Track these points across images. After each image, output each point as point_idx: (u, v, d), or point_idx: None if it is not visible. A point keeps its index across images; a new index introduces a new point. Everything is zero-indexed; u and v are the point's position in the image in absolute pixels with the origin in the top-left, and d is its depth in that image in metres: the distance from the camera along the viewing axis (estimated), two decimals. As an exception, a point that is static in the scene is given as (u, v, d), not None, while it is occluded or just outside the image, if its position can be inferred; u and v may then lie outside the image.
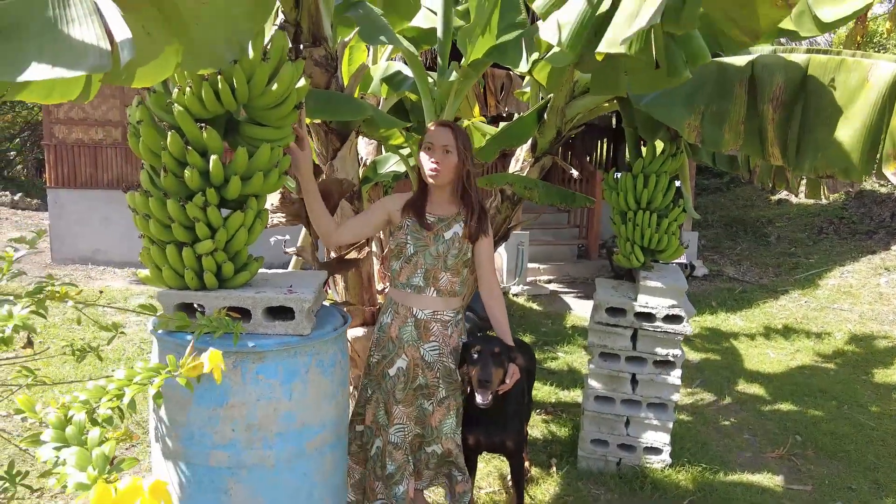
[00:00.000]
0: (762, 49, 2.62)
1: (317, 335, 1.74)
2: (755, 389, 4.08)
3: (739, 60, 2.42)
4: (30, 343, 1.16)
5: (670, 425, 2.83)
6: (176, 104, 1.52)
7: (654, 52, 1.58)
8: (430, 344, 2.05)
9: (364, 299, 2.75)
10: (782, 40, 3.03)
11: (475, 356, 2.01)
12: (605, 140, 10.17)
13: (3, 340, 1.02)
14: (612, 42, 1.55)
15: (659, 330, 2.75)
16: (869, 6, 2.26)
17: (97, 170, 7.08)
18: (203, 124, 1.54)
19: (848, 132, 2.05)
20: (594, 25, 1.74)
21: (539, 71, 2.28)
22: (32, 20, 1.20)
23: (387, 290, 2.21)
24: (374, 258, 3.01)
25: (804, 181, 3.43)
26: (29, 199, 11.40)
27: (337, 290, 2.79)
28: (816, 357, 4.75)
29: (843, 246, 7.65)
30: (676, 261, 6.15)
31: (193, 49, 1.44)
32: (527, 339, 4.95)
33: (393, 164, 3.31)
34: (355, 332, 2.68)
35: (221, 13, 1.46)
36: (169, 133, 1.51)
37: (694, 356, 4.70)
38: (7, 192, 11.28)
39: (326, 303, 2.19)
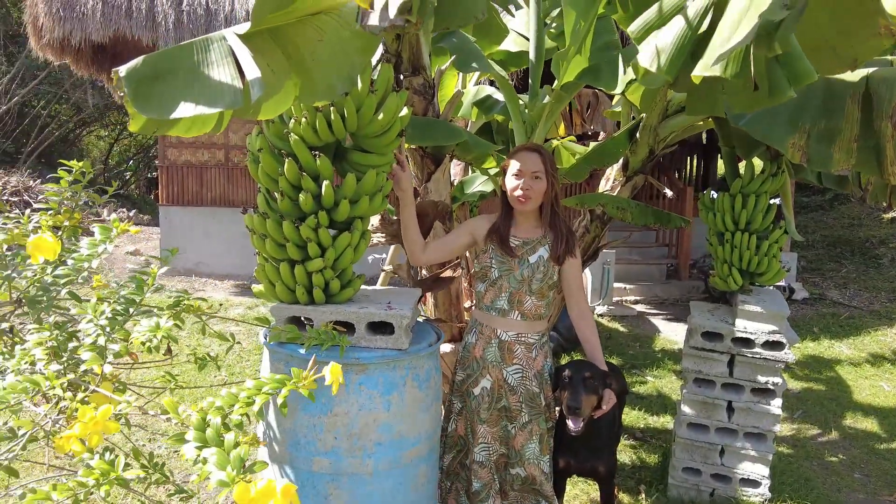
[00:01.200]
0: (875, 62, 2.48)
1: (414, 350, 1.82)
2: (867, 425, 3.77)
3: (849, 76, 2.31)
4: (169, 351, 1.30)
5: (769, 457, 2.69)
6: (292, 134, 1.66)
7: (752, 74, 1.55)
8: (514, 367, 2.04)
9: (452, 316, 2.82)
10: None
11: (566, 381, 1.98)
12: (694, 155, 9.81)
13: (153, 348, 1.15)
14: (707, 65, 1.54)
15: (758, 356, 2.63)
16: None
17: (202, 188, 7.64)
18: (316, 152, 1.67)
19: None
20: (691, 48, 1.73)
21: (632, 92, 2.28)
22: (182, 65, 1.36)
23: (472, 310, 2.23)
24: (463, 276, 3.07)
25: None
26: (141, 215, 12.47)
27: (426, 306, 2.88)
28: (939, 392, 4.34)
29: (969, 270, 6.93)
30: (775, 285, 5.81)
31: (310, 83, 1.58)
32: (613, 361, 4.84)
33: (479, 185, 3.38)
34: (444, 348, 2.75)
35: (335, 50, 1.60)
36: (286, 160, 1.65)
37: (794, 385, 4.41)
38: (123, 209, 12.40)
39: (419, 319, 2.28)
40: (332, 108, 1.65)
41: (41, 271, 1.40)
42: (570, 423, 1.94)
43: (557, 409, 2.13)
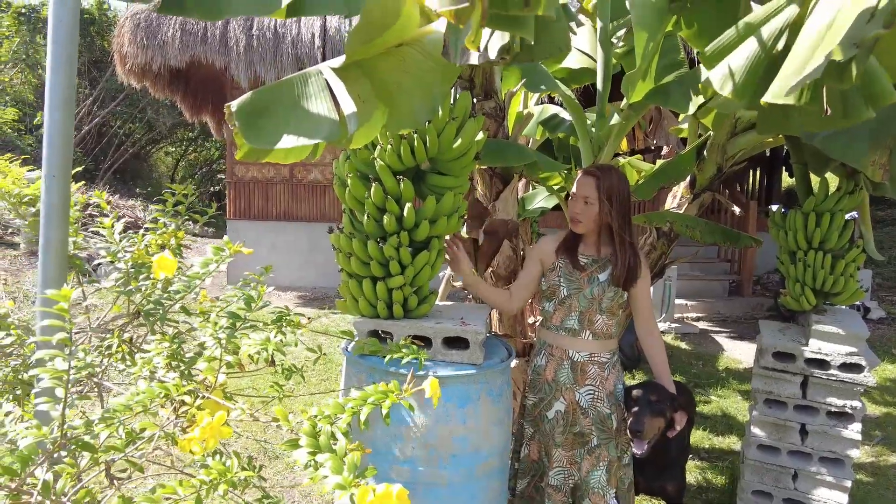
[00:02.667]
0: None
1: (487, 365, 1.88)
2: (952, 453, 3.58)
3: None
4: (272, 363, 1.41)
5: (848, 484, 2.60)
6: (378, 159, 1.76)
7: (824, 102, 1.55)
8: (586, 388, 2.02)
9: (517, 331, 2.87)
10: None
11: (632, 402, 1.97)
12: (757, 169, 9.52)
13: (264, 360, 1.26)
14: (779, 93, 1.55)
15: (834, 379, 2.56)
16: None
17: (268, 203, 7.96)
18: (400, 177, 1.76)
19: None
20: (763, 70, 1.73)
21: (703, 113, 2.29)
22: (284, 99, 1.49)
23: (538, 331, 2.21)
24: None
25: None
26: (205, 228, 13.06)
27: (491, 322, 2.94)
28: None
29: None
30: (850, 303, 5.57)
31: (396, 112, 1.68)
32: (677, 377, 4.75)
33: (541, 201, 3.43)
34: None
35: (419, 80, 1.69)
36: (373, 185, 1.75)
37: (873, 409, 4.22)
38: (189, 222, 13.02)
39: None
40: (415, 135, 1.74)
41: (152, 286, 1.54)
42: (633, 446, 1.92)
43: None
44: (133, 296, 1.48)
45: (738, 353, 5.48)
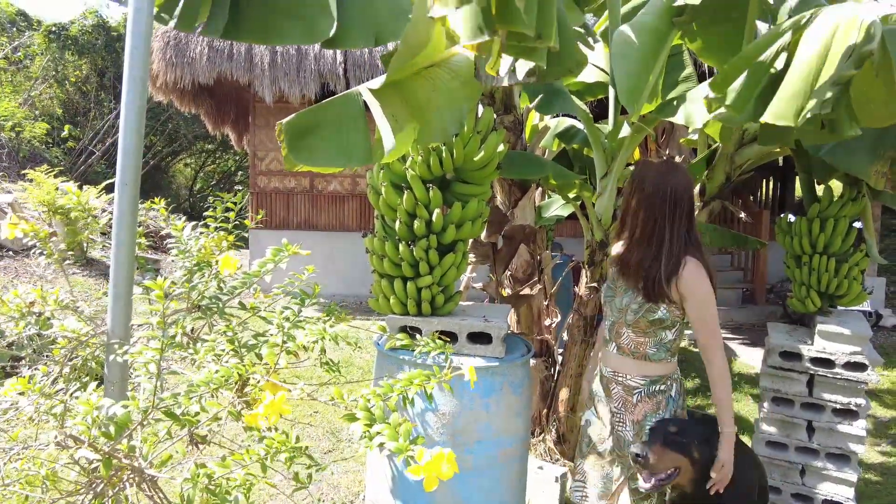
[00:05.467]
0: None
1: (509, 358, 2.04)
2: (961, 454, 3.65)
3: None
4: (323, 351, 1.58)
5: (854, 479, 2.71)
6: (409, 170, 1.94)
7: (820, 123, 1.70)
8: (613, 405, 1.86)
9: (534, 330, 3.02)
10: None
11: (649, 432, 1.71)
12: (770, 178, 9.59)
13: (320, 350, 1.43)
14: (777, 115, 1.70)
15: (839, 377, 2.68)
16: None
17: (289, 213, 8.20)
18: (429, 185, 1.94)
19: None
20: (762, 89, 1.88)
21: (710, 126, 2.44)
22: (326, 119, 1.68)
23: None
24: (543, 295, 3.27)
25: None
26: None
27: (511, 322, 3.10)
28: None
29: None
30: (859, 309, 5.66)
31: (427, 127, 1.86)
32: (688, 384, 4.86)
33: (556, 209, 3.59)
34: (527, 362, 2.95)
35: (448, 97, 1.87)
36: (405, 192, 1.93)
37: (883, 413, 4.30)
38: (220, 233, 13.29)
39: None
40: (443, 148, 1.92)
41: (206, 284, 1.72)
42: (641, 477, 1.67)
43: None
44: (192, 292, 1.66)
45: (751, 358, 5.57)
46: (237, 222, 2.10)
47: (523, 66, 1.54)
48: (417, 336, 2.00)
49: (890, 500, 3.04)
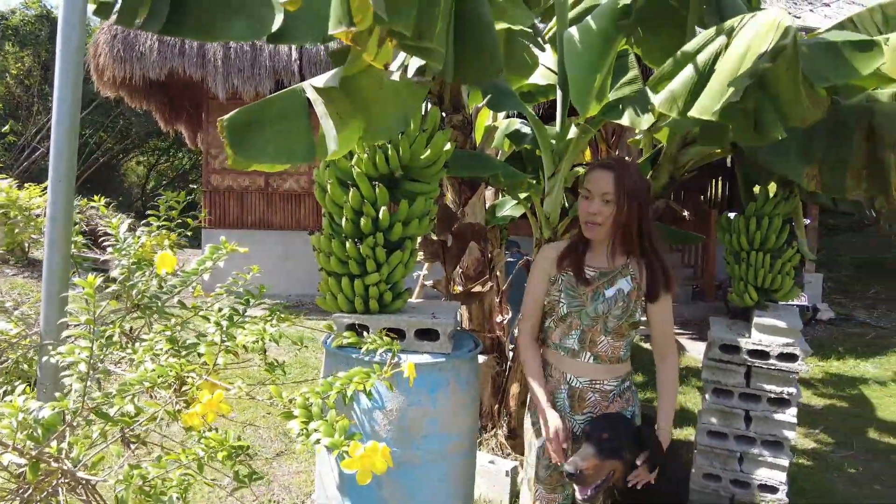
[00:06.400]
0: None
1: (456, 354, 2.07)
2: (890, 440, 3.87)
3: (855, 108, 2.50)
4: (264, 351, 1.57)
5: (786, 464, 2.84)
6: (355, 167, 1.95)
7: (744, 119, 1.80)
8: (583, 416, 1.79)
9: (485, 328, 3.06)
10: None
11: (581, 440, 1.67)
12: (719, 179, 9.94)
13: (259, 348, 1.43)
14: (702, 110, 1.78)
15: (773, 368, 2.81)
16: None
17: (243, 212, 8.05)
18: (375, 182, 1.95)
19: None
20: (695, 90, 1.97)
21: (655, 128, 2.52)
22: (269, 115, 1.67)
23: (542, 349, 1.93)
24: (495, 292, 3.32)
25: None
26: (178, 237, 13.01)
27: (462, 319, 3.13)
28: (965, 410, 4.40)
29: None
30: (799, 303, 5.92)
31: (372, 125, 1.87)
32: (639, 378, 5.00)
33: (509, 209, 3.64)
34: (478, 359, 2.99)
35: (393, 95, 1.89)
36: (350, 189, 1.93)
37: (817, 402, 4.52)
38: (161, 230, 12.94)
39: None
40: (389, 145, 1.93)
41: (147, 283, 1.70)
42: (576, 490, 1.63)
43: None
44: (131, 291, 1.63)
45: (698, 353, 5.76)
46: (180, 221, 2.06)
47: (415, 63, 1.56)
48: (365, 334, 2.01)
49: (819, 482, 3.21)
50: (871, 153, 2.40)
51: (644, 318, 1.83)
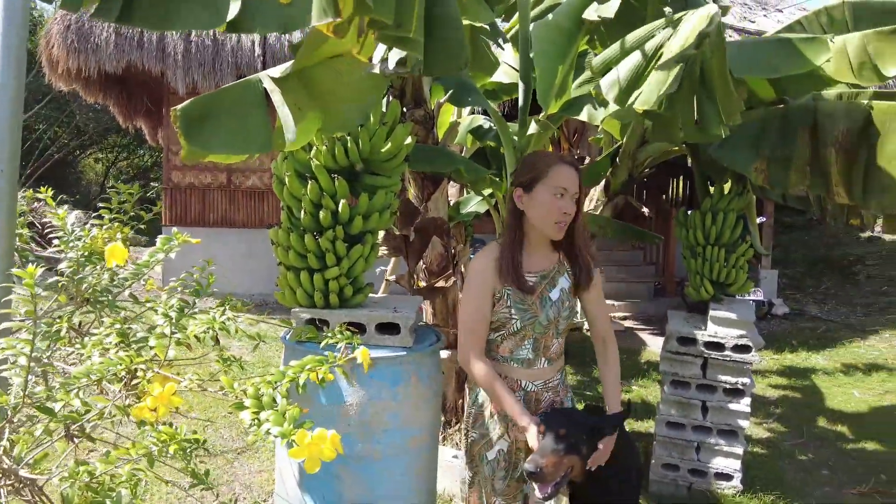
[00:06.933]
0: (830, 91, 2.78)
1: (417, 348, 2.06)
2: (837, 428, 4.03)
3: (802, 107, 2.60)
4: (217, 342, 1.55)
5: (740, 452, 2.93)
6: (314, 159, 1.93)
7: (694, 111, 1.85)
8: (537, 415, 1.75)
9: (449, 323, 3.07)
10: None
11: (540, 436, 1.60)
12: (680, 178, 10.16)
13: (211, 338, 1.40)
14: (643, 102, 1.82)
15: (728, 359, 2.89)
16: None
17: (205, 209, 7.89)
18: (334, 175, 1.93)
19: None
20: (639, 79, 2.00)
21: (607, 123, 2.57)
22: (224, 106, 1.64)
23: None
24: (459, 288, 3.33)
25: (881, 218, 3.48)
26: (139, 236, 12.68)
27: (426, 314, 3.13)
28: (907, 398, 4.61)
29: (941, 285, 7.26)
30: (755, 298, 6.10)
31: (331, 117, 1.85)
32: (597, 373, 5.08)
33: (474, 205, 3.66)
34: (442, 354, 2.99)
35: (354, 87, 1.87)
36: (309, 182, 1.92)
37: (772, 393, 4.67)
38: (129, 241, 12.61)
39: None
40: (348, 138, 1.92)
41: (99, 276, 1.65)
42: (536, 489, 1.58)
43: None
44: (81, 284, 1.58)
45: (659, 347, 5.89)
46: (134, 214, 2.01)
47: (395, 56, 1.56)
48: (325, 328, 1.99)
49: (771, 469, 3.32)
50: (814, 149, 2.50)
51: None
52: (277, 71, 1.74)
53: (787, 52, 2.08)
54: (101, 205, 1.91)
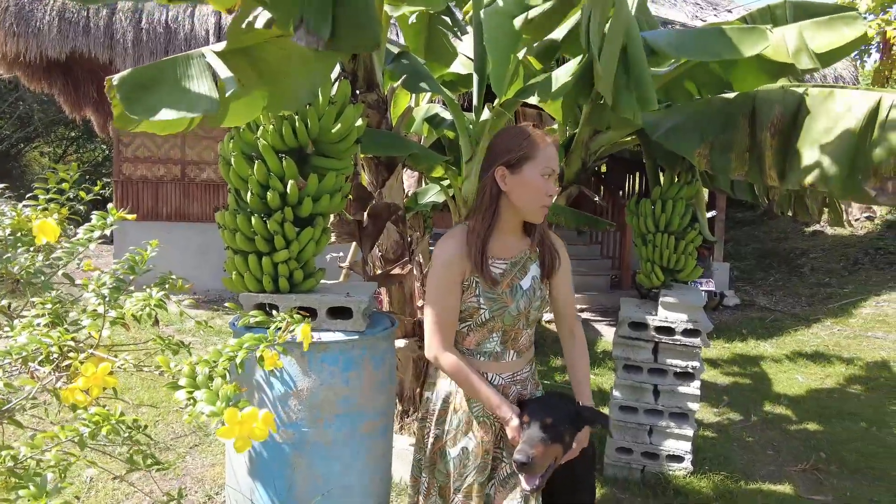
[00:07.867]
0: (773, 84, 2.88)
1: (370, 332, 2.04)
2: (782, 410, 4.18)
3: (744, 95, 2.69)
4: (156, 322, 1.49)
5: (691, 433, 3.01)
6: (261, 139, 1.88)
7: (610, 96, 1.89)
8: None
9: (406, 311, 3.05)
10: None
11: (524, 426, 1.55)
12: (636, 175, 10.38)
13: (146, 316, 1.35)
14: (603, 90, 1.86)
15: (678, 343, 2.96)
16: (864, 37, 2.53)
17: (158, 203, 7.66)
18: (282, 155, 1.89)
19: (832, 151, 2.28)
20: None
21: (550, 105, 2.60)
22: (167, 76, 1.58)
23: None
24: (416, 276, 3.32)
25: (826, 210, 3.61)
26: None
27: (383, 303, 3.10)
28: (847, 382, 4.81)
29: (879, 276, 7.62)
30: (706, 289, 6.26)
31: (278, 95, 1.82)
32: (558, 361, 5.15)
33: (432, 195, 3.65)
34: (398, 343, 2.97)
35: (301, 66, 1.84)
36: (256, 162, 1.87)
37: (722, 380, 4.81)
38: (71, 226, 12.12)
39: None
40: (296, 118, 1.88)
41: (32, 258, 1.57)
42: (522, 480, 1.53)
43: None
44: (11, 264, 1.51)
45: (616, 338, 6.02)
46: (72, 196, 1.93)
47: (264, 16, 1.55)
48: (275, 313, 1.95)
49: (720, 451, 3.42)
50: (752, 135, 2.58)
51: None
52: (220, 46, 1.70)
53: (728, 39, 2.14)
54: (35, 185, 1.82)
